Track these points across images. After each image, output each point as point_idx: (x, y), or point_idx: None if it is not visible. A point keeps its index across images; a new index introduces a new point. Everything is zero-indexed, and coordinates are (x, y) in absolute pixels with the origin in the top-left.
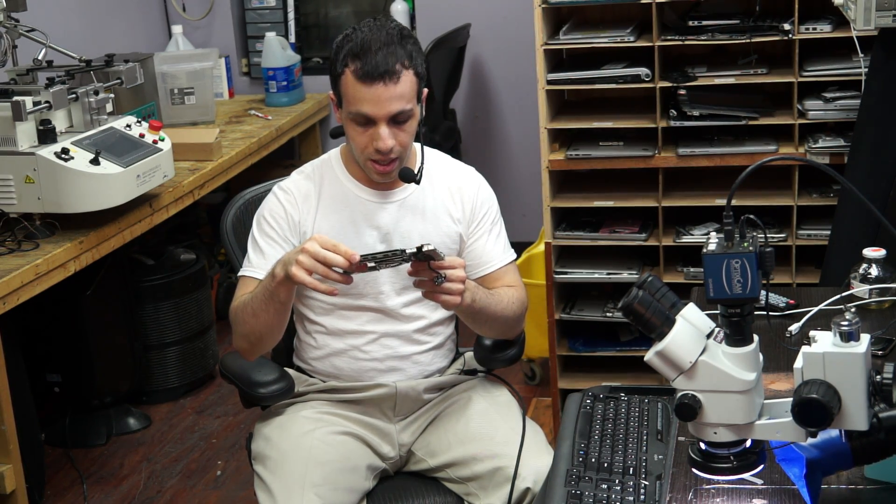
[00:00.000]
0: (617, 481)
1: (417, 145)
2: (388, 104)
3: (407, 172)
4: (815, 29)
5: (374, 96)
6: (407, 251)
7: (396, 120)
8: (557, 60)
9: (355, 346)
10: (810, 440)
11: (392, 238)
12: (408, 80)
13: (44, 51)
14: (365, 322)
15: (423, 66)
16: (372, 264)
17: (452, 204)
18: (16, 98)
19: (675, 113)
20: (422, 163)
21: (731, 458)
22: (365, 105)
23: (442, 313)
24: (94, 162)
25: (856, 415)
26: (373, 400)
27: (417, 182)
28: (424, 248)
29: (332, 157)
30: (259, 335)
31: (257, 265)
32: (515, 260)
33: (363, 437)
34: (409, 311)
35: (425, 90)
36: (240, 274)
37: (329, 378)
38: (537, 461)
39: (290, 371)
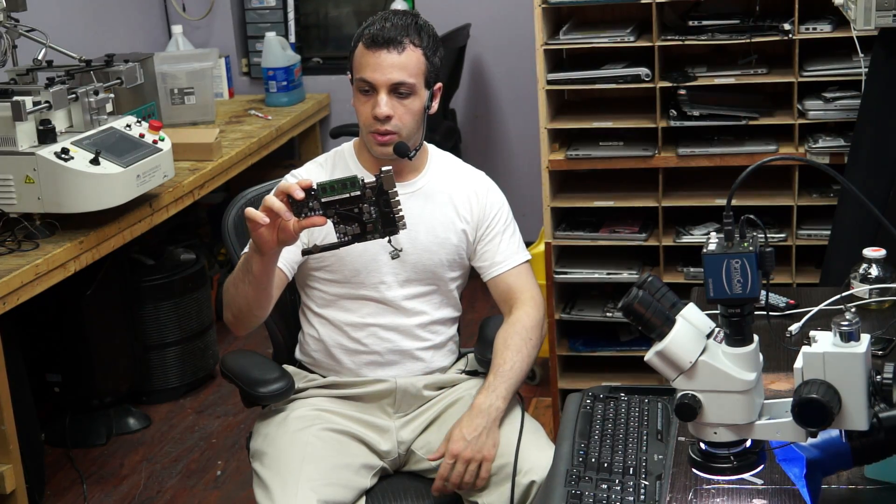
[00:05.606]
0: (617, 481)
1: (427, 145)
2: (388, 71)
3: (402, 147)
4: (815, 29)
5: (377, 62)
6: (365, 180)
7: (398, 92)
8: (557, 60)
9: (356, 338)
10: (810, 440)
11: None
12: (414, 56)
13: (44, 51)
14: (366, 314)
15: (437, 58)
16: (325, 200)
17: (461, 202)
18: (16, 98)
19: (675, 113)
20: (421, 144)
21: (731, 458)
22: (367, 70)
23: (445, 312)
24: (94, 162)
25: (856, 415)
26: (372, 396)
27: (410, 158)
28: (383, 172)
29: (346, 148)
30: (239, 307)
31: None
32: (529, 260)
33: (360, 436)
34: (410, 305)
35: (439, 84)
36: (241, 252)
37: (330, 372)
38: (540, 455)
39: (291, 368)
